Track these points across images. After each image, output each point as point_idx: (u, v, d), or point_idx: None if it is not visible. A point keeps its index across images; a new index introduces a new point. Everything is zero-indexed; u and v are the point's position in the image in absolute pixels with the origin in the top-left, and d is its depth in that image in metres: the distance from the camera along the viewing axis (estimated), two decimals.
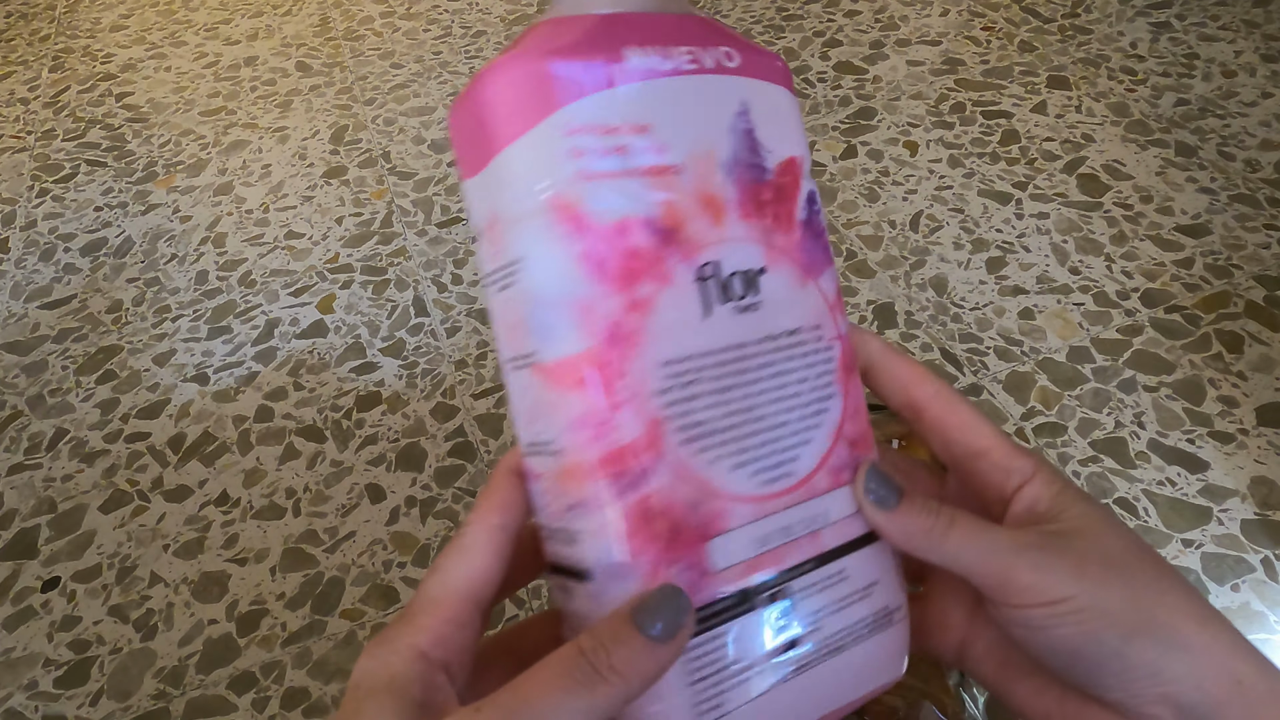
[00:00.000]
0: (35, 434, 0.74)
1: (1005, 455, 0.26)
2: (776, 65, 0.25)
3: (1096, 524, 0.24)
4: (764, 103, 0.24)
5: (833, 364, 0.25)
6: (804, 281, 0.24)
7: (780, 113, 0.25)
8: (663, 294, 0.22)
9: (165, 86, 1.17)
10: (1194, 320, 0.73)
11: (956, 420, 0.27)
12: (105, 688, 0.58)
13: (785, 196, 0.24)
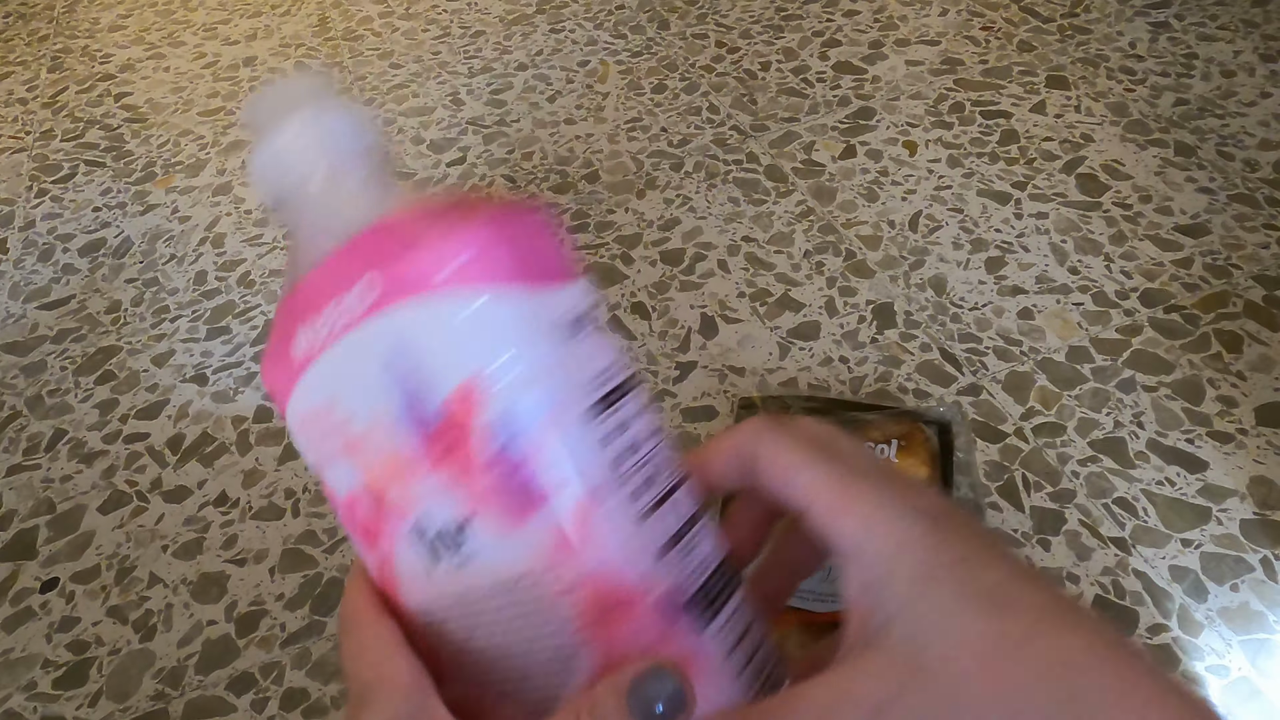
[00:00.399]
0: (34, 435, 0.74)
1: (822, 511, 0.22)
2: (440, 260, 0.21)
3: (929, 639, 0.20)
4: (419, 328, 0.21)
5: (572, 611, 0.22)
6: (515, 525, 0.22)
7: (448, 328, 0.21)
8: (396, 555, 0.24)
9: (164, 86, 1.17)
10: (1193, 320, 0.73)
11: (773, 462, 0.24)
12: (104, 689, 0.58)
13: (463, 434, 0.22)
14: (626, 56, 1.11)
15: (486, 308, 0.21)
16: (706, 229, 0.86)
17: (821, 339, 0.75)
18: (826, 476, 0.23)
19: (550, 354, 0.22)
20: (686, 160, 0.94)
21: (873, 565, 0.21)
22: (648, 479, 0.23)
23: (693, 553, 0.23)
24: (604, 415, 0.23)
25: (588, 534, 0.22)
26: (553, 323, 0.22)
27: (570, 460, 0.22)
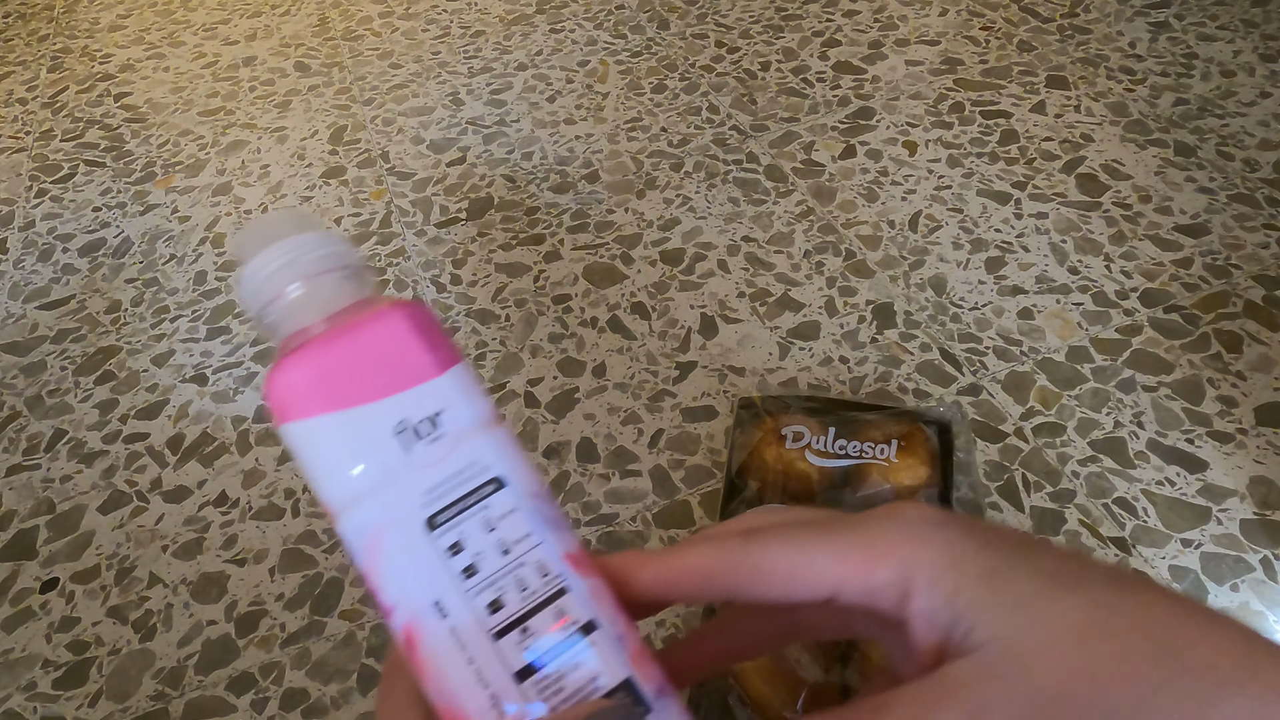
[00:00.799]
0: (34, 435, 0.74)
1: (858, 576, 0.21)
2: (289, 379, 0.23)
3: (1018, 634, 0.19)
4: (294, 451, 0.23)
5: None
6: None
7: (298, 452, 0.23)
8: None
9: (164, 87, 1.17)
10: (1193, 320, 0.73)
11: (773, 568, 0.22)
12: (104, 689, 0.58)
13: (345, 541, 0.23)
14: (626, 56, 1.11)
15: (320, 431, 0.23)
16: (706, 229, 0.86)
17: (821, 339, 0.75)
18: (843, 544, 0.22)
19: (386, 465, 0.22)
20: (686, 160, 0.94)
21: (931, 591, 0.20)
22: (500, 595, 0.22)
23: (567, 678, 0.22)
24: (445, 527, 0.22)
25: (420, 657, 0.22)
26: (390, 432, 0.23)
27: (399, 578, 0.22)
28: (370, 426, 0.22)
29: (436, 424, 0.23)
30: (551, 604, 0.22)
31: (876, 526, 0.22)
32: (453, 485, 0.23)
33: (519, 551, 0.22)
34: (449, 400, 0.23)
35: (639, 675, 0.22)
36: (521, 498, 0.23)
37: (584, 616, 0.22)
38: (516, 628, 0.22)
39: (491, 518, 0.23)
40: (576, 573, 0.23)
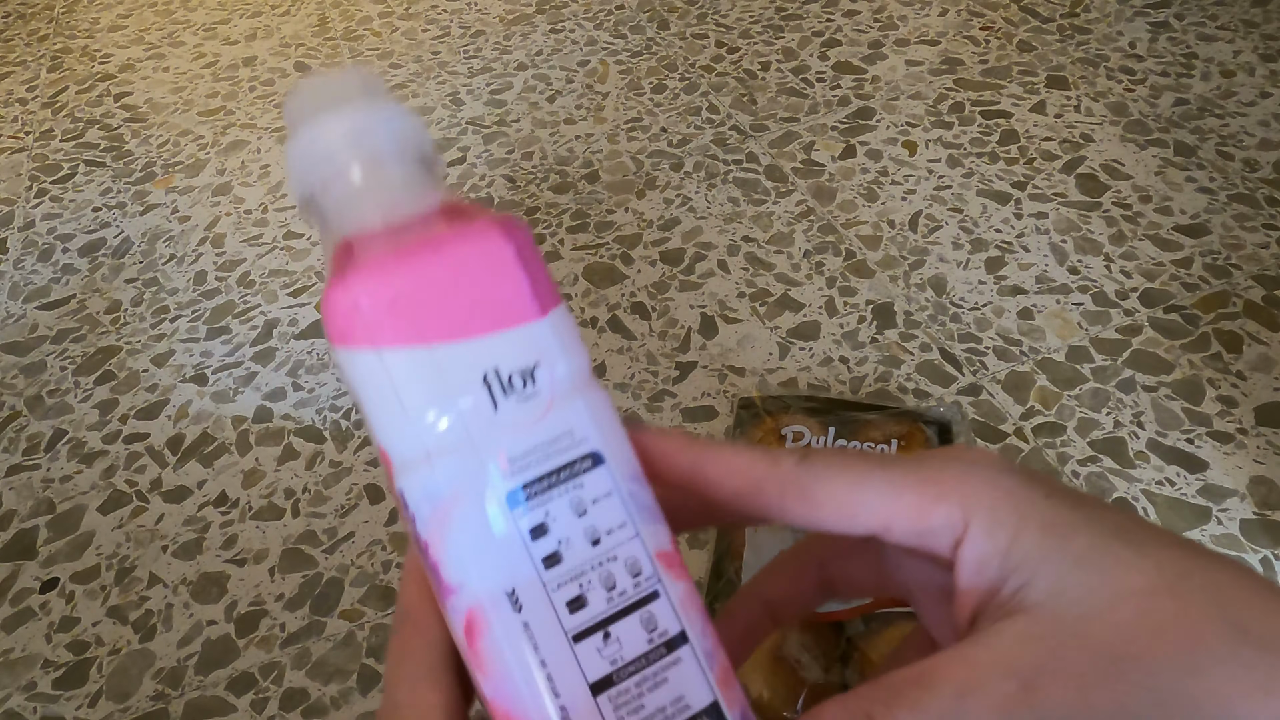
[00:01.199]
0: (34, 435, 0.74)
1: (911, 513, 0.20)
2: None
3: (1078, 591, 0.18)
4: (346, 379, 0.20)
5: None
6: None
7: (356, 384, 0.20)
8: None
9: (164, 86, 1.17)
10: (1193, 320, 0.73)
11: (826, 493, 0.20)
12: (104, 689, 0.58)
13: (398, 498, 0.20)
14: (626, 56, 1.11)
15: (395, 366, 0.19)
16: (706, 229, 0.86)
17: (821, 339, 0.75)
18: (900, 479, 0.20)
19: (469, 421, 0.19)
20: (686, 160, 0.94)
21: (988, 538, 0.19)
22: (583, 593, 0.19)
23: (648, 696, 0.19)
24: (531, 505, 0.19)
25: (481, 649, 0.19)
26: (478, 380, 0.19)
27: (469, 558, 0.19)
28: (455, 370, 0.19)
29: (533, 378, 0.19)
30: (640, 609, 0.19)
31: (936, 465, 0.20)
32: (544, 455, 0.19)
33: (610, 544, 0.19)
34: (548, 350, 0.20)
35: (725, 699, 0.19)
36: (620, 480, 0.20)
37: (674, 627, 0.20)
38: (598, 632, 0.19)
39: (584, 500, 0.19)
40: (670, 575, 0.20)
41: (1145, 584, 0.18)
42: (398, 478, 0.19)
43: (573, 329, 0.21)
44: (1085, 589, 0.18)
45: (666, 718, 0.19)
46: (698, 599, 0.20)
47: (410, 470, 0.19)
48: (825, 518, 0.20)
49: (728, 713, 0.19)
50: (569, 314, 0.21)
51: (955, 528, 0.19)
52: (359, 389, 0.19)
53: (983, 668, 0.18)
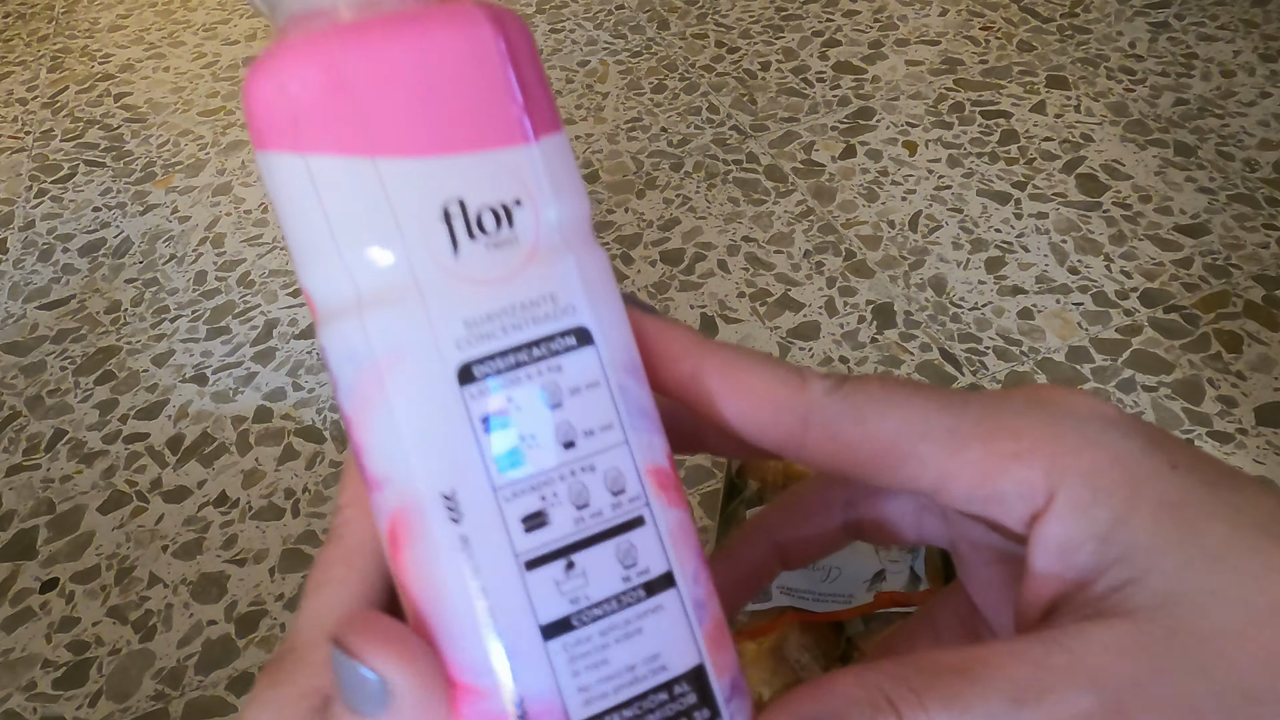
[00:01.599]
0: (34, 435, 0.74)
1: (974, 473, 0.15)
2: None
3: (1208, 599, 0.14)
4: (268, 184, 0.16)
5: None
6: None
7: (278, 195, 0.16)
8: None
9: (164, 87, 1.17)
10: (1193, 320, 0.73)
11: (867, 435, 0.16)
12: (104, 689, 0.58)
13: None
14: (626, 56, 1.11)
15: (327, 180, 0.14)
16: (706, 229, 0.86)
17: (821, 339, 0.75)
18: (967, 427, 0.15)
19: (418, 264, 0.14)
20: (686, 160, 0.94)
21: (1080, 516, 0.15)
22: (545, 508, 0.15)
23: (614, 650, 0.15)
24: (487, 385, 0.14)
25: (405, 564, 0.15)
26: (436, 212, 0.14)
27: (400, 444, 0.15)
28: (406, 195, 0.14)
29: (510, 219, 0.15)
30: (618, 537, 0.15)
31: (1016, 411, 0.16)
32: (514, 323, 0.15)
33: (589, 449, 0.15)
34: (535, 186, 0.15)
35: (713, 664, 0.15)
36: (611, 368, 0.15)
37: (659, 566, 0.15)
38: (559, 560, 0.15)
39: (560, 388, 0.15)
40: (662, 499, 0.16)
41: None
42: (320, 329, 0.15)
43: (571, 167, 0.16)
44: (1218, 597, 0.14)
45: (635, 679, 0.15)
46: (693, 535, 0.16)
47: (335, 320, 0.15)
48: (858, 465, 0.16)
49: (715, 681, 0.15)
50: (569, 147, 0.16)
51: (1034, 497, 0.15)
52: (279, 208, 0.15)
53: (1055, 673, 0.14)
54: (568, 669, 0.14)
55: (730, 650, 0.16)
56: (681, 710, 0.15)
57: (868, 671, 0.14)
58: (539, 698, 0.14)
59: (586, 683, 0.15)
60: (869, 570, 0.51)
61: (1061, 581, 0.15)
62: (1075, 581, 0.15)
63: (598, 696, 0.15)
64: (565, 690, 0.14)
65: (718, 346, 0.17)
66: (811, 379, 0.16)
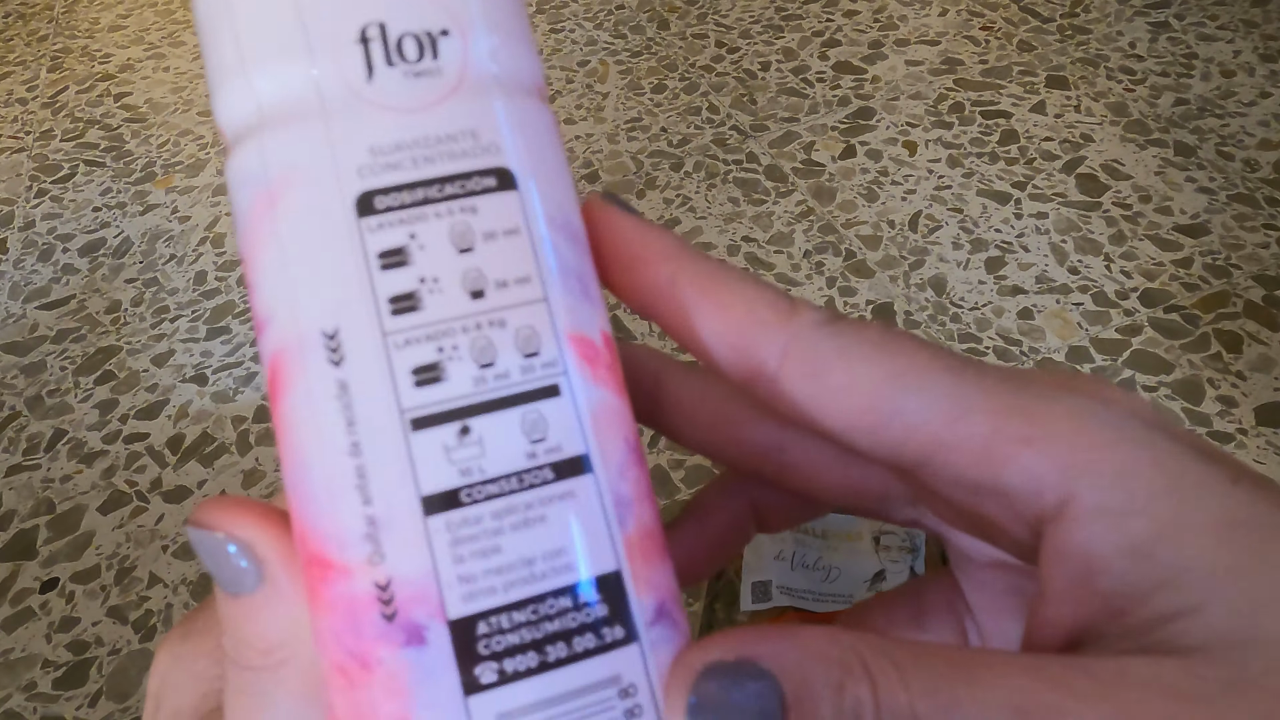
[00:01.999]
0: (34, 435, 0.74)
1: (975, 450, 0.13)
2: None
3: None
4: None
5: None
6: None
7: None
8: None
9: (164, 87, 1.17)
10: (1193, 320, 0.73)
11: (843, 383, 0.13)
12: (104, 689, 0.58)
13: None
14: (626, 56, 1.11)
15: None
16: (706, 229, 0.86)
17: None
18: (972, 392, 0.13)
19: (326, 84, 0.13)
20: (686, 160, 0.94)
21: (1112, 524, 0.12)
22: (441, 361, 0.13)
23: (508, 539, 0.13)
24: (387, 219, 0.13)
25: (282, 411, 0.13)
26: (353, 34, 0.13)
27: (286, 277, 0.13)
28: (323, 12, 0.13)
29: (435, 49, 0.14)
30: (525, 404, 0.13)
31: (1038, 394, 0.13)
32: (426, 156, 0.13)
33: (499, 301, 0.13)
34: (469, 19, 0.14)
35: (634, 575, 0.13)
36: (537, 219, 0.14)
37: (574, 446, 0.13)
38: (452, 423, 0.13)
39: (473, 231, 0.13)
40: (586, 372, 0.14)
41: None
42: (227, 159, 0.14)
43: (520, 12, 0.15)
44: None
45: (531, 576, 0.13)
46: (627, 426, 0.14)
47: (238, 145, 0.14)
48: (834, 415, 0.14)
49: (633, 596, 0.13)
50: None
51: (1042, 496, 0.12)
52: (199, 25, 0.14)
53: (1075, 699, 0.11)
54: (449, 552, 0.12)
55: (664, 570, 0.14)
56: (586, 623, 0.13)
57: (843, 634, 0.12)
58: (410, 581, 0.12)
59: (470, 572, 0.12)
60: (869, 570, 0.51)
61: (1086, 606, 0.12)
62: (1104, 607, 0.12)
63: (483, 591, 0.12)
64: (444, 577, 0.12)
65: (701, 257, 0.15)
66: (802, 308, 0.14)
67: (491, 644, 0.12)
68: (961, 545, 0.17)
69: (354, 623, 0.12)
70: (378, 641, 0.12)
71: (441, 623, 0.12)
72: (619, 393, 0.14)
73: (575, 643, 0.13)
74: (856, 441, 0.14)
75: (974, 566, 0.17)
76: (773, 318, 0.14)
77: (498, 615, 0.12)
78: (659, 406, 0.17)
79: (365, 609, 0.12)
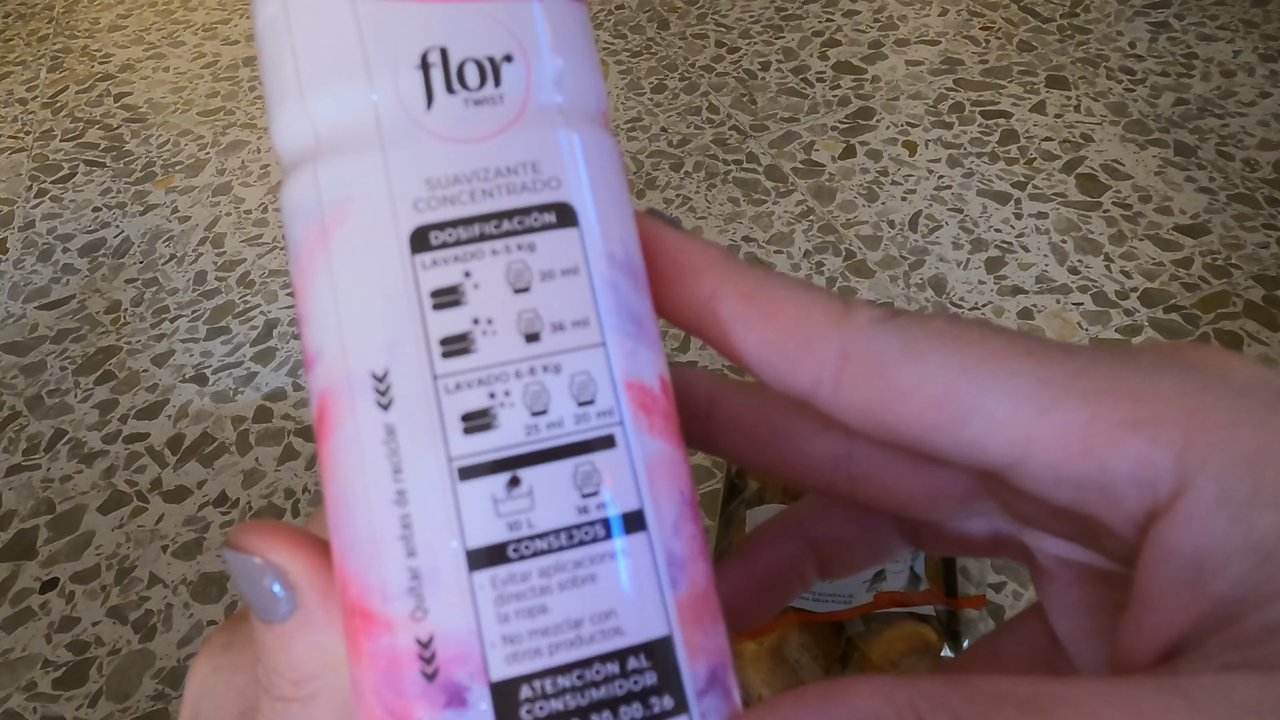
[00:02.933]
0: (34, 435, 0.74)
1: (1071, 442, 0.11)
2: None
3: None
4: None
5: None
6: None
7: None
8: None
9: (164, 86, 1.17)
10: (1193, 320, 0.73)
11: (910, 384, 0.12)
12: (104, 689, 0.58)
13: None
14: (626, 56, 1.11)
15: (290, 10, 0.13)
16: (706, 229, 0.86)
17: None
18: (1061, 381, 0.11)
19: (384, 111, 0.13)
20: (686, 160, 0.94)
21: (1230, 515, 0.10)
22: (493, 408, 0.12)
23: (554, 599, 0.12)
24: (441, 256, 0.13)
25: (327, 453, 0.13)
26: (413, 58, 0.13)
27: (336, 311, 0.13)
28: (383, 35, 0.13)
29: (497, 76, 0.13)
30: (578, 456, 0.13)
31: (1140, 369, 0.11)
32: (484, 189, 0.13)
33: (555, 345, 0.13)
34: (533, 45, 0.13)
35: (686, 641, 0.12)
36: (598, 258, 0.13)
37: (628, 501, 0.13)
38: (502, 473, 0.12)
39: (530, 270, 0.13)
40: (642, 422, 0.13)
41: None
42: (281, 189, 0.14)
43: (585, 36, 0.14)
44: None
45: (579, 639, 0.12)
46: (684, 477, 0.13)
47: (291, 175, 0.14)
48: (907, 420, 0.12)
49: (685, 664, 0.12)
50: (585, 18, 0.14)
51: (1157, 485, 0.11)
52: (260, 50, 0.14)
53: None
54: (494, 611, 0.12)
55: (717, 634, 0.13)
56: (634, 691, 0.12)
57: (896, 686, 0.11)
58: (453, 639, 0.12)
59: (515, 632, 0.12)
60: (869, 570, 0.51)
61: (1193, 611, 0.11)
62: (1214, 613, 0.11)
63: (528, 652, 0.12)
64: (487, 636, 0.12)
65: (746, 266, 0.14)
66: (858, 306, 0.13)
67: (535, 709, 0.12)
68: (1047, 568, 0.15)
69: (394, 680, 0.12)
70: (418, 701, 0.12)
71: (483, 685, 0.12)
72: (676, 443, 0.13)
73: (621, 712, 0.12)
74: (934, 445, 0.12)
75: (1062, 590, 0.15)
76: (826, 320, 0.13)
77: (542, 679, 0.12)
78: (715, 428, 0.16)
79: (406, 666, 0.12)
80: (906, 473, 0.15)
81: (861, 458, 0.15)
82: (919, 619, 0.51)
